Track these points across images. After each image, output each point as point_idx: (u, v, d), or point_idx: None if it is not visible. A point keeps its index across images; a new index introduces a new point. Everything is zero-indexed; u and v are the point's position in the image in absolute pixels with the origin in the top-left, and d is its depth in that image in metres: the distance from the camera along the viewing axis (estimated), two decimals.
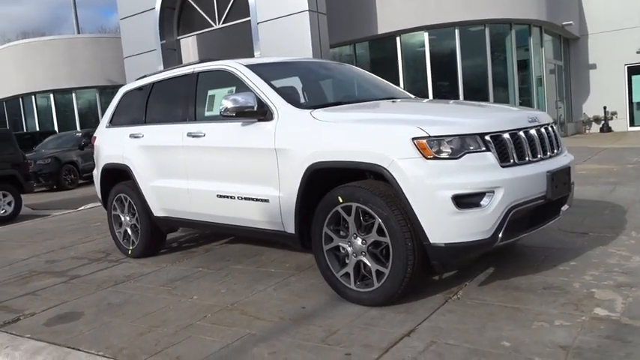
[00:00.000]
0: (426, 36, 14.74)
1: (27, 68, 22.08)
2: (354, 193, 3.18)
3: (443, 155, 2.94)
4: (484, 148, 3.01)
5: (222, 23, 15.21)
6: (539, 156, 3.27)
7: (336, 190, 3.28)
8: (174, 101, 4.64)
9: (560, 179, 3.29)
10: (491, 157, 3.01)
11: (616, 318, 2.79)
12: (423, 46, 14.80)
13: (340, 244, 3.33)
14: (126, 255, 5.29)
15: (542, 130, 3.39)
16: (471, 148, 2.98)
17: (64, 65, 21.52)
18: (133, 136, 4.96)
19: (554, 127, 3.63)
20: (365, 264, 3.22)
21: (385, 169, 3.03)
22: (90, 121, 21.98)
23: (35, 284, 4.69)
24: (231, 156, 3.97)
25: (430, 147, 2.94)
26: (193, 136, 4.26)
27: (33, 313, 3.87)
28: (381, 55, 15.96)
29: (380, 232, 3.10)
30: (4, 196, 10.33)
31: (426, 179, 2.93)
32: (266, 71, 4.09)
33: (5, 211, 10.28)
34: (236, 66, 4.11)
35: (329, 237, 3.37)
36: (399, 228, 3.01)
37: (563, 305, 3.02)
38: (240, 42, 15.13)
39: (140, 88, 5.18)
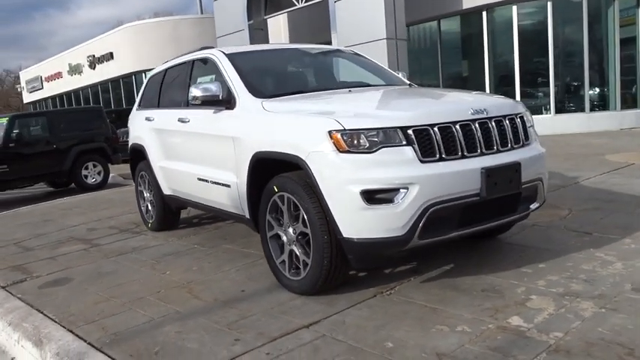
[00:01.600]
0: (514, 10, 13.77)
1: (139, 47, 24.00)
2: (285, 184, 3.22)
3: (357, 149, 2.88)
4: (404, 143, 2.89)
5: (305, 2, 15.36)
6: (479, 151, 3.07)
7: (273, 180, 3.34)
8: (176, 87, 4.91)
9: (502, 176, 3.06)
10: (409, 151, 2.89)
11: (524, 329, 2.59)
12: (511, 21, 13.85)
13: (279, 232, 3.40)
14: (147, 228, 5.74)
15: (491, 123, 3.16)
16: (389, 142, 2.88)
17: (169, 45, 23.03)
18: (147, 119, 5.34)
19: (519, 119, 3.35)
20: (296, 253, 3.27)
21: (303, 160, 3.03)
22: None
23: (61, 250, 5.27)
24: (205, 142, 4.16)
25: (344, 140, 2.88)
26: (182, 122, 4.51)
27: (38, 276, 4.39)
28: (466, 31, 15.23)
29: (304, 223, 3.13)
30: (94, 166, 11.51)
31: (338, 173, 2.90)
32: (244, 60, 4.20)
33: (95, 180, 11.48)
34: (217, 54, 4.26)
35: (270, 224, 3.45)
36: (316, 220, 3.01)
37: (484, 310, 2.85)
38: (323, 21, 15.22)
39: (159, 74, 5.52)
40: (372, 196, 2.84)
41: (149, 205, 5.63)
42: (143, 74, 24.50)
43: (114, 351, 2.77)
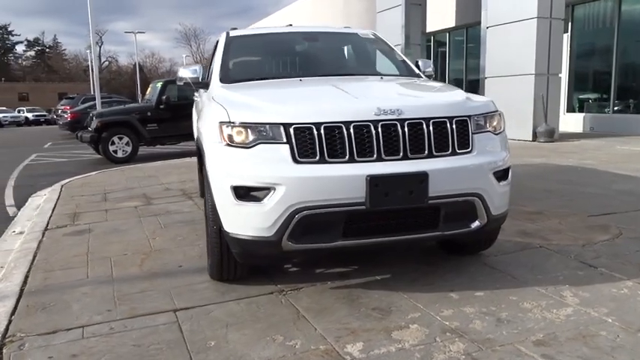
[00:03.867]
0: None
1: (313, 22, 25.05)
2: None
3: (237, 142, 2.79)
4: (283, 140, 2.72)
5: None
6: (375, 156, 2.74)
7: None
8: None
9: (397, 187, 2.69)
10: (285, 150, 2.71)
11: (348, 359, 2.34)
12: None
13: None
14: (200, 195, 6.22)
15: (403, 126, 2.77)
16: (268, 138, 2.74)
17: (340, 20, 23.59)
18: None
19: (455, 124, 2.87)
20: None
21: (203, 149, 3.05)
22: None
23: (122, 204, 6.01)
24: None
25: (228, 133, 2.82)
26: (197, 99, 4.78)
27: (76, 224, 5.12)
28: None
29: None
30: None
31: (218, 166, 2.85)
32: (242, 43, 4.27)
33: None
34: (221, 37, 4.39)
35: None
36: (209, 210, 3.03)
37: (344, 329, 2.60)
38: None
39: None
40: (242, 193, 2.76)
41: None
42: None
43: (25, 300, 3.18)
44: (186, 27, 57.45)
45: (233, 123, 2.81)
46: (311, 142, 2.71)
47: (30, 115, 40.89)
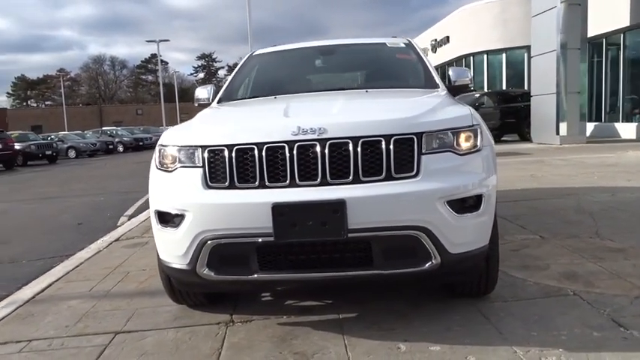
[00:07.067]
0: None
1: (468, 30, 23.90)
2: None
3: (163, 166, 2.70)
4: (199, 164, 2.56)
5: None
6: (288, 181, 2.41)
7: None
8: None
9: (306, 217, 2.33)
10: (198, 174, 2.53)
11: None
12: None
13: None
14: None
15: (324, 147, 2.39)
16: (186, 162, 2.59)
17: (497, 27, 22.14)
18: None
19: (393, 144, 2.41)
20: None
21: None
22: (515, 80, 22.16)
23: None
24: None
25: (159, 156, 2.75)
26: None
27: (142, 237, 5.49)
28: None
29: None
30: None
31: (150, 188, 2.78)
32: (258, 62, 4.20)
33: None
34: (246, 55, 4.37)
35: None
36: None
37: None
38: None
39: None
40: (162, 218, 2.66)
41: None
42: (471, 57, 24.42)
43: (22, 308, 3.47)
44: None
45: (164, 146, 2.74)
46: (222, 166, 2.51)
47: None
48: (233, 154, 2.48)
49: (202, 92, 4.01)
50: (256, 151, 2.46)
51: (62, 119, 56.64)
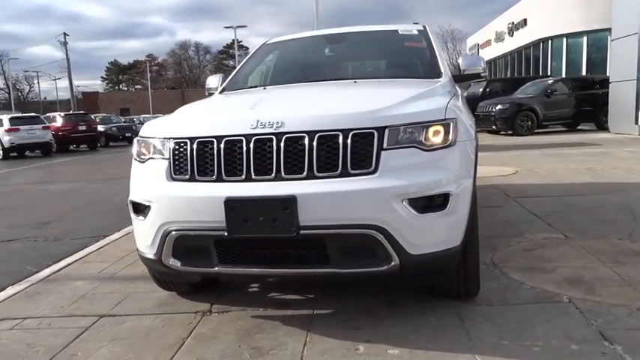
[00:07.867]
0: None
1: (548, 12, 22.53)
2: None
3: (139, 157, 2.76)
4: (166, 156, 2.59)
5: None
6: (244, 175, 2.38)
7: None
8: None
9: (257, 212, 2.29)
10: (164, 166, 2.57)
11: None
12: None
13: None
14: None
15: (279, 140, 2.34)
16: (156, 154, 2.64)
17: (578, 8, 20.72)
18: None
19: (351, 138, 2.31)
20: None
21: None
22: (597, 67, 20.68)
23: None
24: None
25: (136, 146, 2.81)
26: None
27: None
28: None
29: None
30: None
31: (131, 178, 2.87)
32: (268, 50, 4.18)
33: None
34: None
35: None
36: None
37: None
38: None
39: None
40: (135, 208, 2.73)
41: None
42: (550, 41, 23.08)
43: (36, 285, 3.70)
44: (443, 29, 56.91)
45: (141, 137, 2.80)
46: (184, 159, 2.53)
47: None
48: (194, 147, 2.50)
49: (213, 81, 4.06)
50: (215, 145, 2.46)
51: (148, 102, 59.37)
